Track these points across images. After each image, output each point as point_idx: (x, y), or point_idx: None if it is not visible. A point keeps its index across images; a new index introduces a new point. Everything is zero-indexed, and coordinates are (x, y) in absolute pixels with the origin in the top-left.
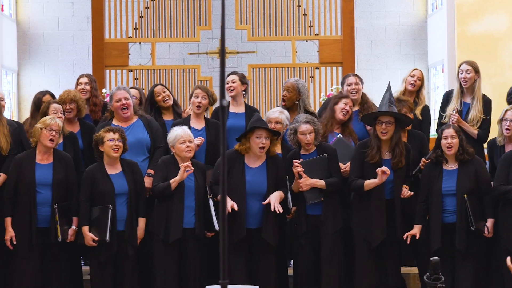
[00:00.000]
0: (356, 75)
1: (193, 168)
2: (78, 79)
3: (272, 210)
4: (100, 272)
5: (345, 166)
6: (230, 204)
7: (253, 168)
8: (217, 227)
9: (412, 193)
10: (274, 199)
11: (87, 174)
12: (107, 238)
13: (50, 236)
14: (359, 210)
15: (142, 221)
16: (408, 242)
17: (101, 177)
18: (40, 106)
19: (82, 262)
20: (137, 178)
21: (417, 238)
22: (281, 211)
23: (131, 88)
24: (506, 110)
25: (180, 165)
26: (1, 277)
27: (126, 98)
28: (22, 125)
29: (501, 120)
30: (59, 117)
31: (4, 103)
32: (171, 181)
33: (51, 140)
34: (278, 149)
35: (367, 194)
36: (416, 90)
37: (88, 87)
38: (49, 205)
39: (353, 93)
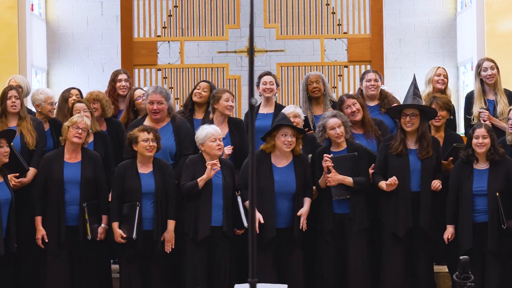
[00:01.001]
0: (376, 72)
1: (219, 166)
2: (116, 75)
3: (300, 227)
4: (128, 269)
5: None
6: (257, 217)
7: (280, 167)
8: (246, 224)
9: (440, 186)
10: (304, 216)
11: (118, 170)
12: (134, 235)
13: (79, 235)
14: (386, 202)
15: (171, 224)
16: (446, 243)
17: (130, 175)
18: (67, 99)
19: (111, 260)
20: (167, 180)
21: (451, 238)
22: (305, 229)
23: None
24: (510, 110)
25: (206, 164)
26: (33, 275)
27: (159, 102)
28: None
29: (507, 120)
30: (86, 115)
31: (55, 104)
32: (199, 179)
33: (77, 137)
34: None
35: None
36: (444, 88)
37: (127, 84)
38: (78, 204)
39: (372, 89)
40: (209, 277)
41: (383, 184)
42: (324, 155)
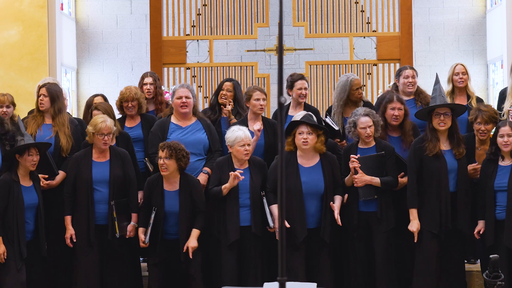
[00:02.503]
0: (413, 68)
1: (243, 177)
2: (142, 78)
3: (338, 222)
4: (154, 273)
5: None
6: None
7: (307, 167)
8: (271, 224)
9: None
10: (337, 211)
11: (148, 184)
12: (146, 241)
13: (108, 233)
14: (423, 203)
15: (195, 232)
16: (477, 237)
17: (155, 192)
18: (90, 106)
19: (141, 258)
20: (195, 197)
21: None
22: (340, 225)
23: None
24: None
25: (230, 173)
26: (65, 274)
27: (187, 97)
28: (83, 122)
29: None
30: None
31: (67, 101)
32: (223, 187)
33: (104, 143)
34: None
35: (431, 185)
36: (465, 85)
37: (152, 87)
38: (107, 202)
39: (410, 86)
40: (240, 276)
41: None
42: (351, 156)
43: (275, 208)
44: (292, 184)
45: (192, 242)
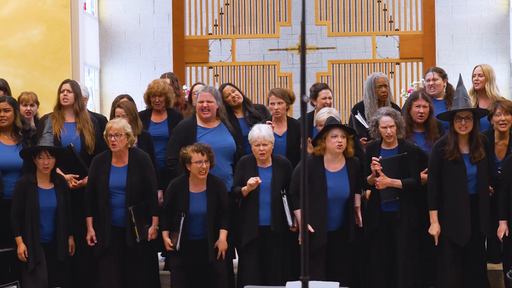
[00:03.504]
0: (436, 70)
1: (260, 181)
2: (163, 78)
3: (356, 223)
4: (177, 275)
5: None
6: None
7: (333, 172)
8: (290, 223)
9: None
10: (359, 211)
11: (171, 186)
12: (178, 246)
13: (126, 239)
14: (444, 207)
15: (223, 233)
16: (501, 240)
17: (181, 194)
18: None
19: (162, 258)
20: (223, 197)
21: (507, 234)
22: (361, 226)
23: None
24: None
25: (248, 182)
26: (87, 276)
27: (209, 101)
28: (103, 119)
29: None
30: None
31: (87, 100)
32: (242, 189)
33: (112, 145)
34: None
35: (451, 191)
36: (482, 87)
37: (172, 87)
38: (123, 207)
39: (431, 89)
40: (262, 275)
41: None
42: (373, 158)
43: (298, 212)
44: (318, 189)
45: (223, 244)
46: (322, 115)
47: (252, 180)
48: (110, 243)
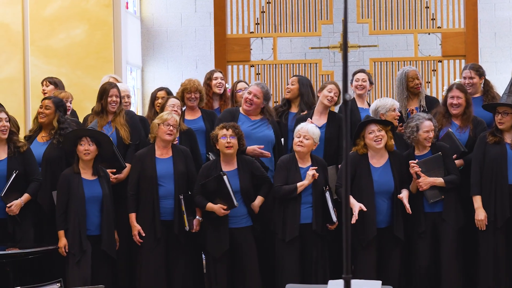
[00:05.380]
0: (473, 68)
1: (318, 174)
2: (211, 73)
3: (408, 211)
4: (214, 268)
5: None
6: (358, 206)
7: (378, 167)
8: (335, 220)
9: None
10: (407, 200)
11: (202, 169)
12: (235, 203)
13: (174, 227)
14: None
15: (259, 199)
16: None
17: (214, 174)
18: (154, 99)
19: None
20: (257, 172)
21: None
22: (410, 212)
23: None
24: None
25: (308, 172)
26: (128, 271)
27: (255, 95)
28: (146, 120)
29: None
30: (175, 111)
31: (130, 99)
32: (299, 185)
33: (168, 134)
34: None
35: (489, 175)
36: None
37: (223, 82)
38: (172, 198)
39: (467, 86)
40: (303, 274)
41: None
42: (410, 161)
43: (353, 201)
44: (364, 183)
45: (255, 208)
46: (386, 101)
47: (312, 171)
48: (160, 235)
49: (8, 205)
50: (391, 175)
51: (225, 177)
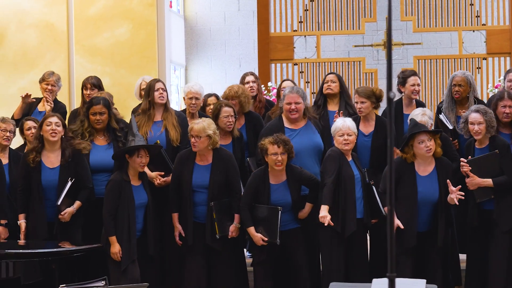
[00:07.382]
0: None
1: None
2: (243, 77)
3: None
4: (261, 270)
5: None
6: (395, 225)
7: (424, 176)
8: (384, 212)
9: None
10: (457, 190)
11: (251, 179)
12: (278, 240)
13: (206, 238)
14: None
15: (308, 206)
16: None
17: (262, 187)
18: (204, 107)
19: (248, 254)
20: (307, 182)
21: None
22: (463, 195)
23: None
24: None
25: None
26: (174, 273)
27: (296, 103)
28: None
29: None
30: (229, 122)
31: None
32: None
33: (193, 145)
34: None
35: None
36: None
37: (255, 85)
38: (205, 205)
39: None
40: (346, 268)
41: None
42: (461, 160)
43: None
44: (408, 192)
45: (304, 214)
46: (416, 116)
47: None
48: (192, 241)
49: (62, 213)
50: (437, 185)
51: (279, 213)
